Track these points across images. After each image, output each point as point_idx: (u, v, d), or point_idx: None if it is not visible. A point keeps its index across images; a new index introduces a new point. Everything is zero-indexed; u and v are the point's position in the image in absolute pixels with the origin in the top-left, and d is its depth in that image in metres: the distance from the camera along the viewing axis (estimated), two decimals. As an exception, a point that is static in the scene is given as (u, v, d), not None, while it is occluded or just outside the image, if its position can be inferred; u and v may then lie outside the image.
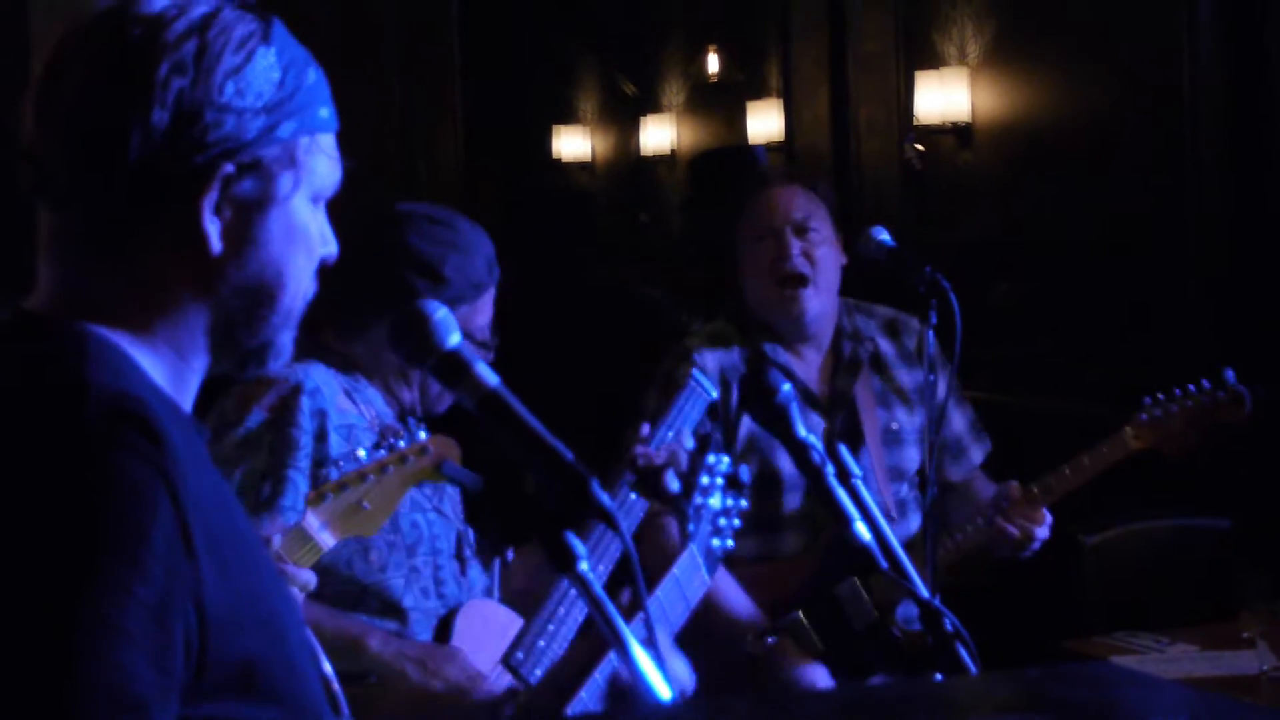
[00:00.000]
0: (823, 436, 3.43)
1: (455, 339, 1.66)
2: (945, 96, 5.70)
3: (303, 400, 2.60)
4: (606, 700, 2.40)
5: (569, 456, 1.55)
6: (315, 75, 1.50)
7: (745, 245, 3.51)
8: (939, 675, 1.91)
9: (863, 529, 1.95)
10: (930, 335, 3.19)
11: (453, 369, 1.64)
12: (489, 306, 2.80)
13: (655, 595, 2.69)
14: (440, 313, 1.66)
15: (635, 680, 1.52)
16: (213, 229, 1.43)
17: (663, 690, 1.51)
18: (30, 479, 1.29)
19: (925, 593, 1.96)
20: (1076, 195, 5.20)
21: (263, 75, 1.44)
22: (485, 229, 2.84)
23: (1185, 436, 3.32)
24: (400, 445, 2.35)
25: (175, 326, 1.45)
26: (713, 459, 2.81)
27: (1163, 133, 4.84)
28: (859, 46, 6.24)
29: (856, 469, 2.02)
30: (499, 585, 2.86)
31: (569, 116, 10.41)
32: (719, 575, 3.01)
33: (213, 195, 1.43)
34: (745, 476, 2.84)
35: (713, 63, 8.58)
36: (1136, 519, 3.95)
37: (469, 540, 2.82)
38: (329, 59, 1.55)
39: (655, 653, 1.53)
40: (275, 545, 2.23)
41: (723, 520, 2.83)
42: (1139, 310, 4.96)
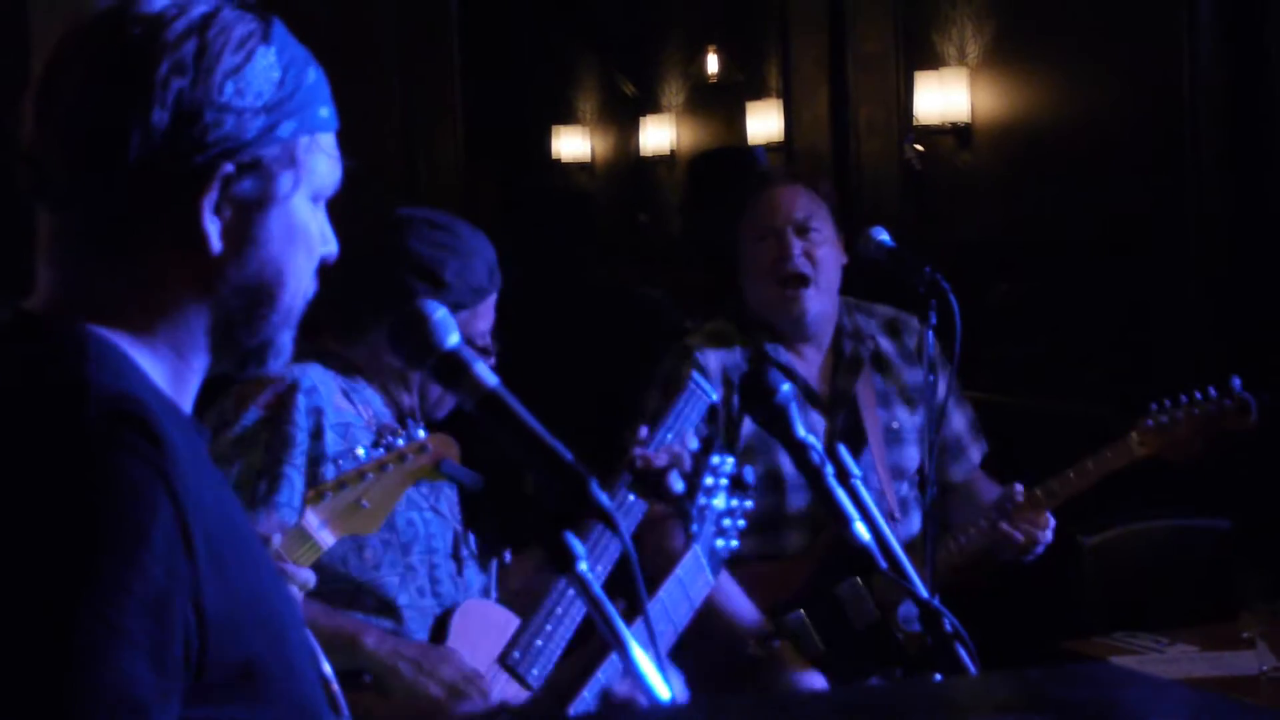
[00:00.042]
0: (824, 436, 3.43)
1: (454, 339, 1.66)
2: (945, 97, 5.70)
3: (299, 398, 2.60)
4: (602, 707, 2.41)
5: (568, 456, 1.55)
6: (315, 74, 1.50)
7: (746, 245, 3.51)
8: (939, 675, 1.91)
9: (862, 529, 1.95)
10: (930, 335, 3.19)
11: (452, 369, 1.64)
12: (490, 313, 2.80)
13: (659, 595, 2.69)
14: (439, 313, 1.66)
15: (635, 680, 1.51)
16: (213, 229, 1.43)
17: (662, 690, 1.51)
18: (30, 479, 1.29)
19: (925, 593, 1.96)
20: (1076, 195, 5.20)
21: (262, 75, 1.44)
22: (485, 229, 2.83)
23: (1191, 444, 3.32)
24: (399, 444, 2.35)
25: (175, 326, 1.45)
26: (717, 459, 2.81)
27: (1163, 133, 4.84)
28: (858, 47, 6.24)
29: (856, 469, 2.02)
30: (496, 586, 2.85)
31: (568, 117, 10.41)
32: (722, 577, 3.01)
33: (212, 195, 1.43)
34: (750, 477, 2.84)
35: (712, 63, 8.58)
36: (1136, 519, 3.95)
37: (467, 540, 2.82)
38: (329, 59, 1.54)
39: (655, 654, 1.53)
40: (275, 544, 2.23)
41: (727, 521, 2.83)
42: (1139, 310, 4.96)
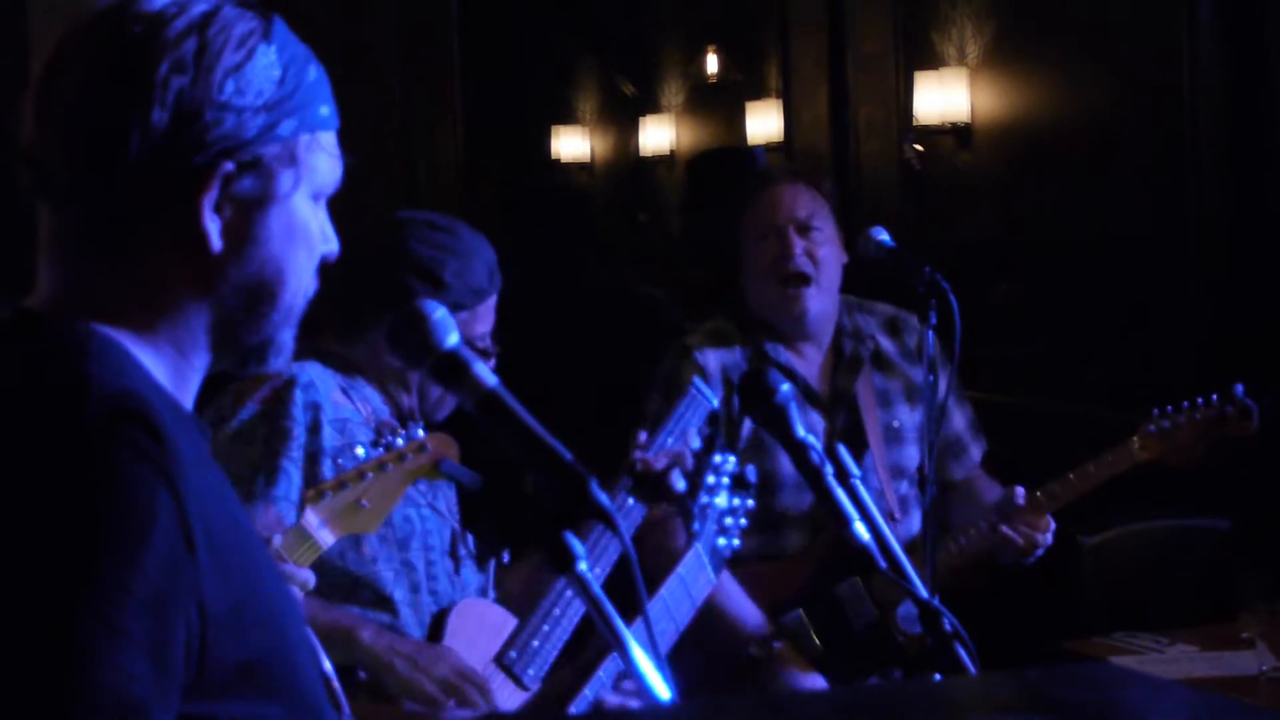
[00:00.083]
0: (823, 436, 3.43)
1: (454, 339, 1.65)
2: (944, 97, 5.70)
3: (296, 393, 2.60)
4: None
5: (568, 456, 1.54)
6: (316, 73, 1.50)
7: (748, 243, 3.50)
8: (939, 675, 1.91)
9: (861, 529, 1.95)
10: (930, 336, 3.19)
11: (451, 369, 1.64)
12: (490, 315, 2.79)
13: (660, 594, 2.69)
14: (439, 313, 1.66)
15: (635, 680, 1.51)
16: (213, 227, 1.43)
17: (662, 691, 1.51)
18: (31, 478, 1.29)
19: (924, 593, 1.95)
20: (1076, 195, 5.20)
21: (263, 73, 1.44)
22: (484, 229, 2.83)
23: (1193, 449, 3.31)
24: (398, 443, 2.35)
25: (176, 325, 1.45)
26: (718, 459, 2.81)
27: (1163, 133, 4.84)
28: (858, 47, 6.24)
29: (855, 469, 2.02)
30: (493, 586, 2.85)
31: (568, 117, 10.41)
32: (724, 577, 3.01)
33: (213, 193, 1.43)
34: (751, 476, 2.84)
35: (712, 63, 8.58)
36: (1136, 519, 3.95)
37: (464, 540, 2.82)
38: (329, 59, 1.54)
39: (655, 655, 1.53)
40: (275, 545, 2.24)
41: (728, 520, 2.83)
42: (1139, 310, 4.96)
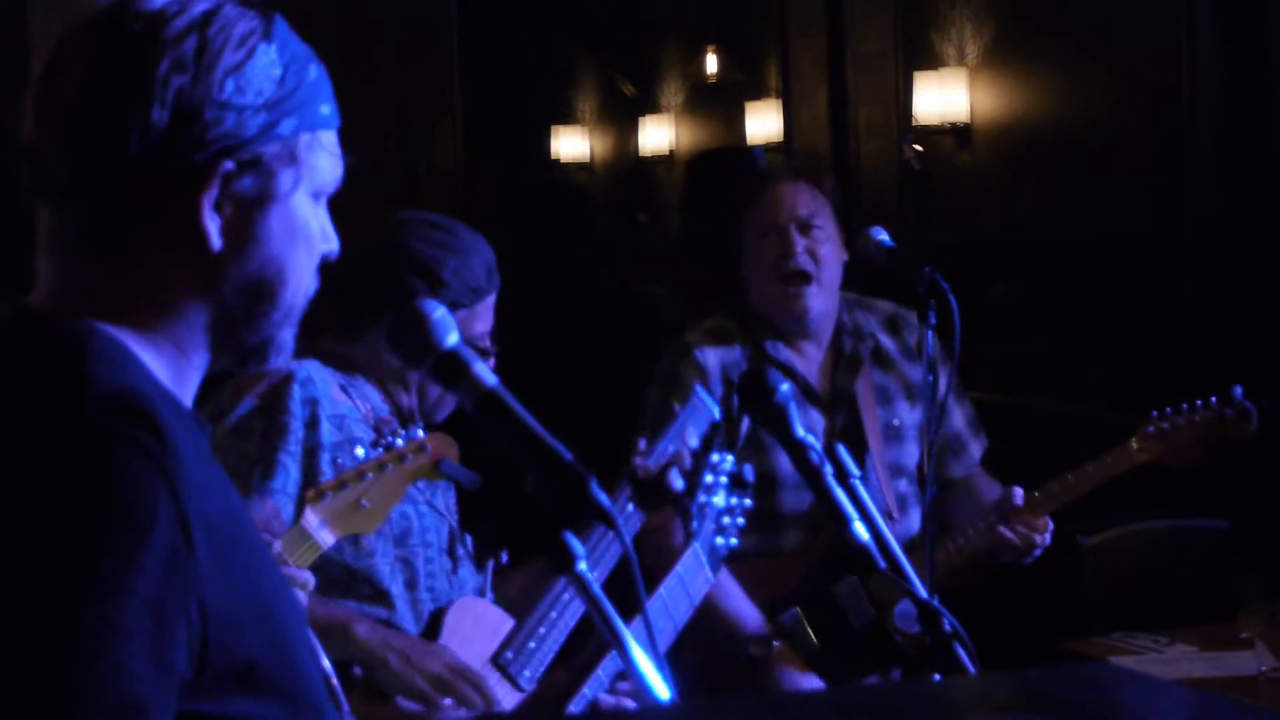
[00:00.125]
0: (823, 434, 3.43)
1: (453, 338, 1.65)
2: (944, 97, 5.70)
3: (294, 388, 2.60)
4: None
5: (568, 456, 1.54)
6: (316, 71, 1.50)
7: (749, 241, 3.50)
8: (938, 675, 1.91)
9: (860, 529, 1.95)
10: (930, 336, 3.19)
11: (451, 369, 1.64)
12: (489, 314, 2.79)
13: (659, 592, 2.69)
14: (438, 312, 1.66)
15: (634, 680, 1.51)
16: (213, 226, 1.43)
17: (662, 691, 1.51)
18: (31, 476, 1.29)
19: (923, 593, 1.95)
20: (1076, 195, 5.20)
21: (263, 72, 1.44)
22: (484, 229, 2.83)
23: (1191, 451, 3.31)
24: (398, 444, 2.36)
25: (176, 323, 1.45)
26: (716, 457, 2.81)
27: (1162, 133, 4.84)
28: (858, 47, 6.24)
29: (855, 469, 2.02)
30: (492, 587, 2.85)
31: (568, 117, 10.41)
32: (722, 576, 3.01)
33: (213, 192, 1.43)
34: (749, 475, 2.84)
35: (711, 63, 8.58)
36: (1135, 519, 3.94)
37: (463, 540, 2.82)
38: (329, 59, 1.54)
39: (654, 655, 1.53)
40: (276, 547, 2.24)
41: (727, 519, 2.83)
42: (1138, 310, 4.96)
